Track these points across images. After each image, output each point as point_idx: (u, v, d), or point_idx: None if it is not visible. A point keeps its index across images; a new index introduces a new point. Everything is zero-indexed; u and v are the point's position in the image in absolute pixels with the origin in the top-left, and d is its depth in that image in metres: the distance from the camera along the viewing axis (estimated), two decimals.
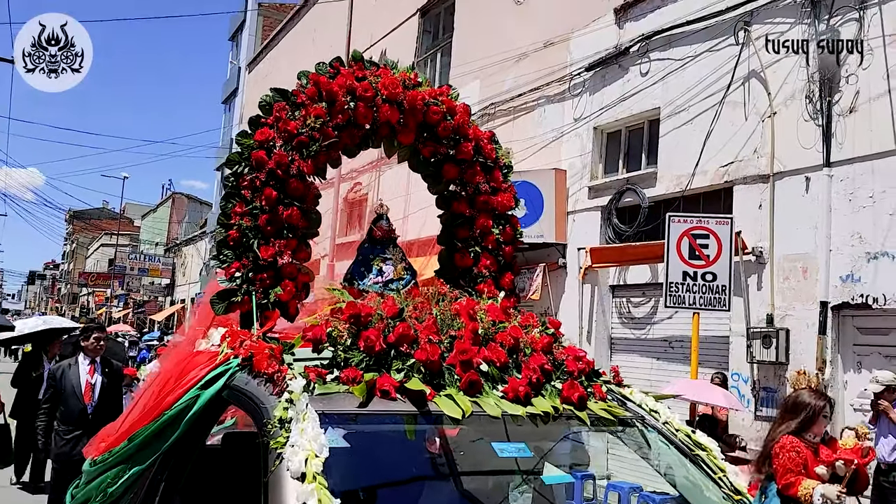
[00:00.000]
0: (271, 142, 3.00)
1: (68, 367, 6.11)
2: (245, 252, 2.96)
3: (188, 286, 33.47)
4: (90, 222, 65.40)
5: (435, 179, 3.50)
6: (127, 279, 43.52)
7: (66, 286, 74.26)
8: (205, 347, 2.83)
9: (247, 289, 2.92)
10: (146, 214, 53.15)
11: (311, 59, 14.66)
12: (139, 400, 3.09)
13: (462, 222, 3.42)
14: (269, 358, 2.33)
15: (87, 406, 5.90)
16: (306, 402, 2.10)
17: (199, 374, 2.56)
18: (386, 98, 3.12)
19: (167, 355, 3.45)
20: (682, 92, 8.90)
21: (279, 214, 2.96)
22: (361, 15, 16.81)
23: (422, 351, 2.35)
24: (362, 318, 2.44)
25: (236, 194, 3.02)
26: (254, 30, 27.31)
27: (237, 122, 27.32)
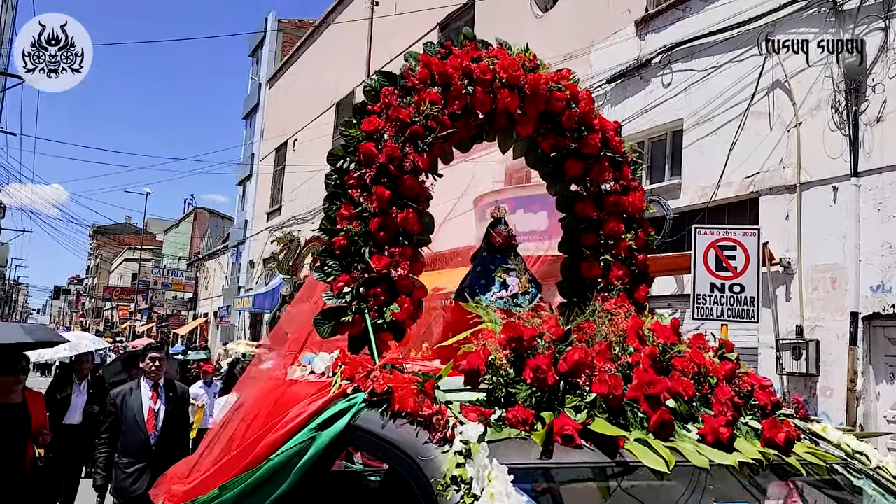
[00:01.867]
0: (381, 132, 2.54)
1: (129, 392, 5.44)
2: (354, 262, 2.51)
3: (211, 300, 33.65)
4: (113, 237, 66.09)
5: (555, 177, 3.02)
6: (150, 293, 43.82)
7: (91, 301, 75.00)
8: (300, 375, 2.43)
9: (358, 307, 2.46)
10: (168, 229, 53.58)
11: (331, 75, 14.90)
12: (220, 436, 2.68)
13: (587, 226, 2.95)
14: (419, 394, 1.85)
15: (150, 436, 5.27)
16: (488, 456, 1.61)
17: (306, 410, 2.16)
18: (505, 82, 2.65)
19: (249, 384, 3.02)
20: (705, 103, 8.83)
21: (392, 217, 2.51)
22: (381, 30, 16.92)
23: (601, 383, 1.86)
24: (525, 342, 1.94)
25: (342, 194, 2.57)
26: (274, 46, 27.44)
27: (258, 138, 27.60)
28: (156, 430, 5.30)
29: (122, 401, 5.35)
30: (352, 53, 18.13)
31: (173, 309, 40.96)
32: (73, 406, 7.26)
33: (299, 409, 2.19)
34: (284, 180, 23.68)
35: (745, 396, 2.10)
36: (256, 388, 2.76)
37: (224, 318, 28.73)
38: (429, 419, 1.79)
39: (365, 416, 2.00)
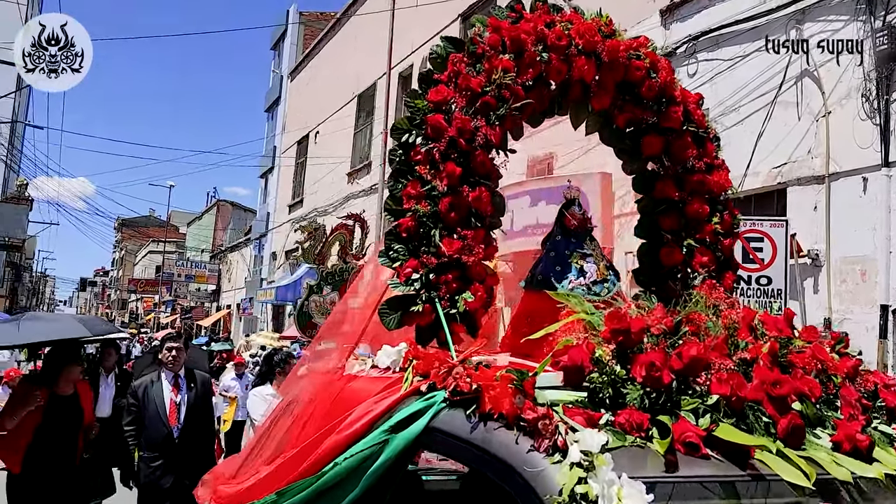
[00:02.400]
0: (450, 103, 2.32)
1: (150, 383, 5.22)
2: (422, 246, 2.31)
3: (233, 292, 33.91)
4: (138, 230, 66.93)
5: (632, 155, 2.75)
6: (174, 285, 44.24)
7: (116, 292, 75.98)
8: (359, 370, 2.24)
9: (428, 295, 2.25)
10: (192, 222, 54.04)
11: (352, 67, 14.87)
12: (271, 435, 2.50)
13: (667, 208, 2.67)
14: (516, 394, 1.61)
15: (173, 429, 5.05)
16: (612, 470, 1.37)
17: (373, 409, 1.96)
18: (582, 49, 2.37)
19: (301, 379, 2.81)
20: (731, 93, 8.67)
21: (464, 197, 2.30)
22: (402, 22, 16.86)
23: (721, 383, 1.60)
24: (633, 334, 1.69)
25: (407, 171, 2.35)
26: (295, 39, 27.44)
27: (280, 131, 27.72)
28: (178, 423, 5.09)
29: (144, 393, 5.16)
30: (373, 45, 18.10)
31: (197, 301, 41.35)
32: (102, 399, 7.21)
33: (365, 408, 1.98)
34: (306, 173, 23.76)
35: (871, 397, 1.84)
36: (310, 385, 2.55)
37: (247, 309, 28.95)
38: (533, 424, 1.55)
39: (446, 418, 1.78)
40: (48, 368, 5.01)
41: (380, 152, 16.89)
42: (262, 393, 5.74)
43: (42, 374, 5.05)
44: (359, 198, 18.55)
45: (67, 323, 5.17)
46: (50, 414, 4.76)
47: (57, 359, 4.96)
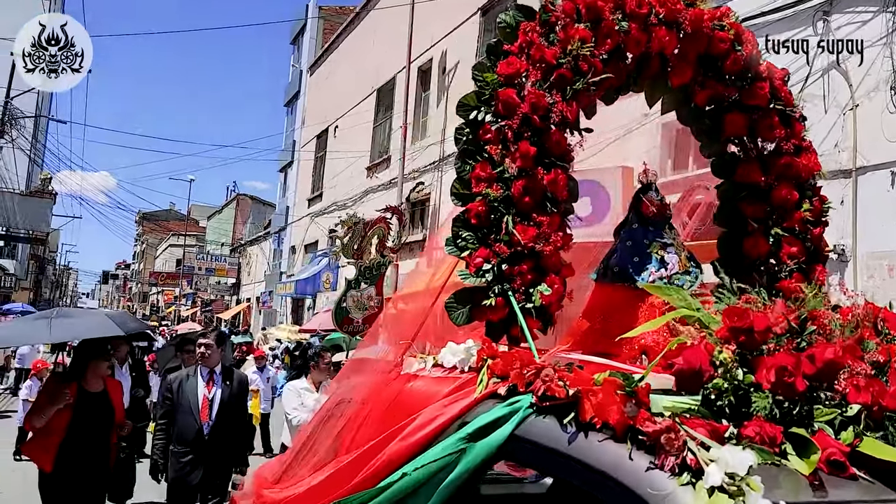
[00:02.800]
0: (522, 76, 2.11)
1: (186, 378, 5.16)
2: (492, 234, 2.12)
3: (253, 285, 34.12)
4: (159, 223, 67.56)
5: (711, 135, 2.53)
6: (194, 278, 44.58)
7: (137, 285, 76.86)
8: (419, 369, 2.06)
9: (501, 288, 2.07)
10: (212, 215, 54.42)
11: (371, 61, 14.84)
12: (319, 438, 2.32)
13: (749, 194, 2.45)
14: (627, 403, 1.39)
15: (204, 425, 4.98)
16: (762, 498, 1.15)
17: (443, 413, 1.79)
18: (663, 18, 2.18)
19: (352, 378, 2.62)
20: None
21: (538, 180, 2.10)
22: (421, 16, 16.81)
23: (860, 390, 1.38)
24: (757, 333, 1.47)
25: (476, 151, 2.15)
26: (315, 33, 27.46)
27: (299, 125, 27.81)
28: (210, 419, 5.00)
29: (179, 387, 5.09)
30: (392, 40, 18.06)
31: (217, 294, 41.66)
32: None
33: (433, 412, 1.80)
34: (325, 167, 23.79)
35: None
36: (362, 384, 2.37)
37: (266, 303, 29.13)
38: (653, 437, 1.31)
39: (535, 426, 1.58)
40: (76, 364, 4.88)
41: (399, 146, 16.88)
42: (297, 387, 5.65)
43: (70, 370, 4.91)
44: (378, 192, 18.55)
45: (99, 320, 4.98)
46: (80, 411, 4.62)
47: (84, 354, 4.83)
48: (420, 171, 16.38)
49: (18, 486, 7.77)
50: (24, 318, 6.09)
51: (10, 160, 23.39)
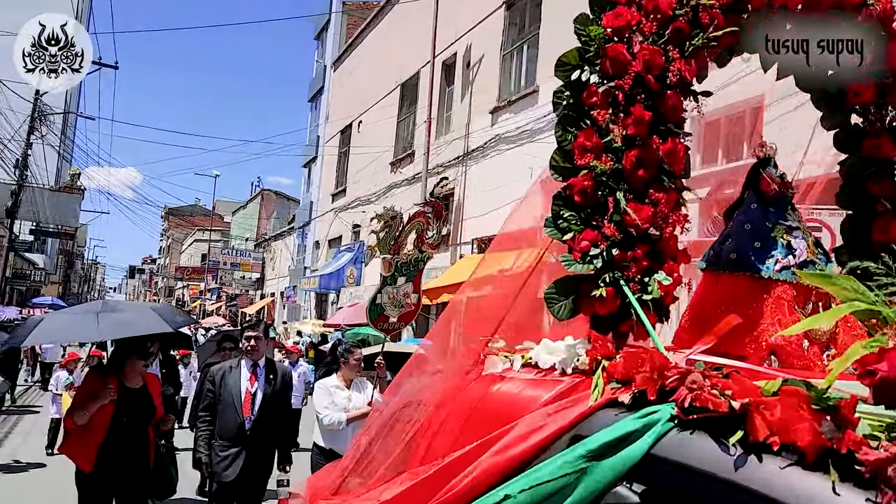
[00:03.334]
0: (632, 30, 1.89)
1: (228, 370, 5.07)
2: (599, 213, 1.86)
3: (277, 280, 34.38)
4: (184, 219, 68.39)
5: (833, 105, 2.27)
6: (219, 273, 45.08)
7: (163, 280, 77.88)
8: (503, 369, 1.87)
9: (612, 276, 1.81)
10: (236, 211, 54.93)
11: (396, 56, 14.78)
12: (383, 445, 2.10)
13: (880, 170, 2.16)
14: (824, 421, 1.11)
15: (246, 420, 4.90)
16: None
17: (550, 424, 1.53)
18: None
19: (417, 378, 2.35)
20: (788, 78, 8.43)
21: (654, 150, 1.84)
22: (446, 10, 16.74)
23: None
24: None
25: (579, 118, 1.92)
26: (338, 29, 27.56)
27: (323, 120, 27.91)
28: (252, 414, 4.92)
29: (221, 380, 5.00)
30: (416, 34, 18.05)
31: (241, 288, 42.05)
32: None
33: (535, 421, 1.55)
34: (349, 162, 23.89)
35: None
36: (434, 386, 2.12)
37: (290, 297, 29.33)
38: (875, 469, 1.01)
39: (679, 444, 1.29)
40: (116, 358, 4.75)
41: (423, 142, 16.87)
42: (327, 385, 5.50)
43: (110, 364, 4.75)
44: (401, 187, 18.57)
45: (147, 316, 4.75)
46: (121, 407, 4.48)
47: (124, 349, 4.68)
48: (444, 167, 16.36)
49: (50, 481, 7.88)
50: (69, 311, 5.59)
51: (40, 156, 23.76)
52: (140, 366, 4.64)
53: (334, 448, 5.17)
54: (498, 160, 14.08)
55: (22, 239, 27.97)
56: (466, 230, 15.17)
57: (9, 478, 8.14)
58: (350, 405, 5.37)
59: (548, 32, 13.33)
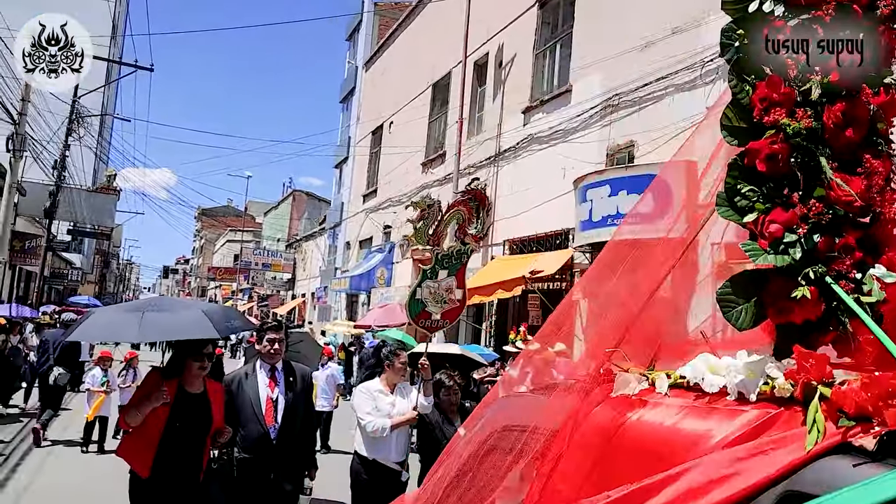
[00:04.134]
0: None
1: (245, 377, 4.62)
2: (792, 187, 1.44)
3: (308, 280, 34.62)
4: (217, 219, 69.30)
5: None
6: (251, 273, 45.64)
7: (196, 280, 79.04)
8: (642, 390, 1.52)
9: (816, 270, 1.38)
10: (268, 211, 55.50)
11: (427, 56, 14.74)
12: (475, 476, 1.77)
13: None
14: None
15: (270, 429, 4.47)
16: None
17: (742, 473, 1.14)
18: None
19: (518, 397, 1.97)
20: None
21: (863, 104, 1.42)
22: (478, 9, 16.68)
23: None
24: None
25: (756, 61, 1.48)
26: (370, 29, 27.70)
27: (354, 121, 28.04)
28: (276, 423, 4.50)
29: (238, 388, 4.57)
30: (448, 34, 18.03)
31: (272, 289, 42.46)
32: None
33: (718, 468, 1.16)
34: (380, 163, 23.96)
35: None
36: (545, 409, 1.75)
37: (321, 298, 29.50)
38: None
39: None
40: (175, 360, 4.38)
41: (454, 142, 16.84)
42: (370, 389, 5.17)
43: (170, 366, 4.38)
44: (433, 187, 18.55)
45: (193, 319, 4.31)
46: (178, 412, 4.18)
47: (183, 350, 4.35)
48: (475, 167, 16.30)
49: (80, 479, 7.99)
50: (118, 308, 5.21)
51: (78, 157, 24.23)
52: (196, 368, 4.27)
53: (378, 458, 4.99)
54: (530, 160, 13.99)
55: (60, 239, 28.56)
56: (498, 231, 15.08)
57: (42, 479, 8.23)
58: (394, 411, 5.10)
59: (581, 31, 13.21)
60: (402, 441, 5.17)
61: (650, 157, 10.64)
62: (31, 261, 23.15)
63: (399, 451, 5.12)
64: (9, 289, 21.47)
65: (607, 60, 11.82)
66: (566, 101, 13.12)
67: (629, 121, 10.73)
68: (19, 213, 20.18)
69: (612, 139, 11.73)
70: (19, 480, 7.83)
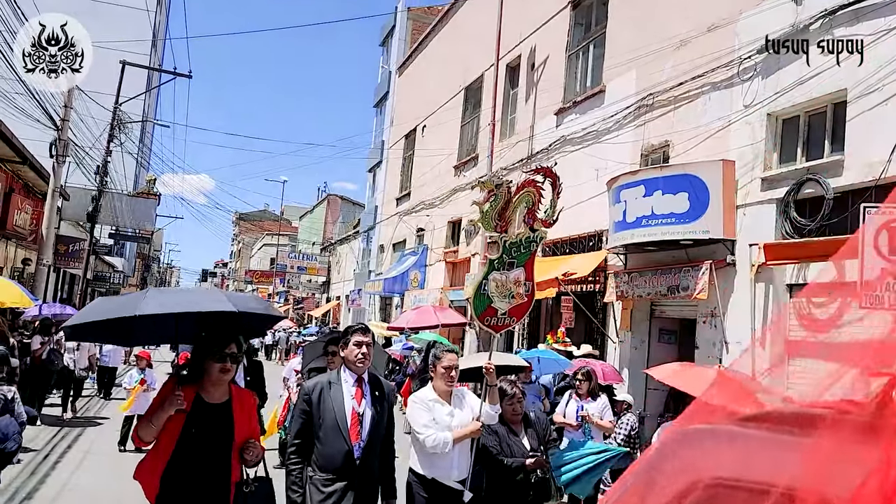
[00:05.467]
0: None
1: (328, 386, 4.03)
2: None
3: (342, 283, 34.84)
4: (254, 223, 70.21)
5: None
6: (287, 276, 46.16)
7: (234, 283, 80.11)
8: None
9: None
10: (303, 215, 56.13)
11: (460, 59, 14.70)
12: None
13: None
14: None
15: (354, 447, 3.89)
16: None
17: None
18: None
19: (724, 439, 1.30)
20: (874, 70, 7.94)
21: None
22: (510, 12, 16.63)
23: None
24: None
25: None
26: (403, 34, 27.84)
27: (388, 125, 28.13)
28: (361, 440, 3.93)
29: (320, 398, 3.99)
30: (480, 37, 17.97)
31: (308, 292, 42.81)
32: None
33: None
34: (413, 166, 23.99)
35: None
36: (793, 453, 1.16)
37: (355, 301, 29.62)
38: None
39: None
40: (193, 364, 3.71)
41: (487, 145, 16.75)
42: (424, 399, 4.57)
43: (189, 372, 3.73)
44: (465, 190, 18.48)
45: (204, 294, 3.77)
46: (192, 426, 3.49)
47: (200, 352, 3.64)
48: (508, 169, 16.19)
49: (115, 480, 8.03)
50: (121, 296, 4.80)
51: (119, 163, 24.68)
52: (217, 372, 3.56)
53: (437, 477, 4.52)
54: (563, 162, 13.83)
55: (102, 243, 29.14)
56: None
57: (79, 479, 8.32)
58: (453, 422, 4.52)
59: (615, 30, 13.05)
60: (463, 456, 4.60)
61: (686, 156, 10.43)
62: (75, 264, 23.64)
63: (461, 468, 4.57)
64: (53, 291, 21.94)
65: (641, 60, 11.65)
66: (599, 102, 12.96)
67: (663, 121, 10.53)
68: (63, 217, 20.61)
69: (647, 139, 11.53)
70: (59, 478, 7.93)
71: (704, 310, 9.83)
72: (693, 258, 9.90)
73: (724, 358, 9.28)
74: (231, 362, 3.60)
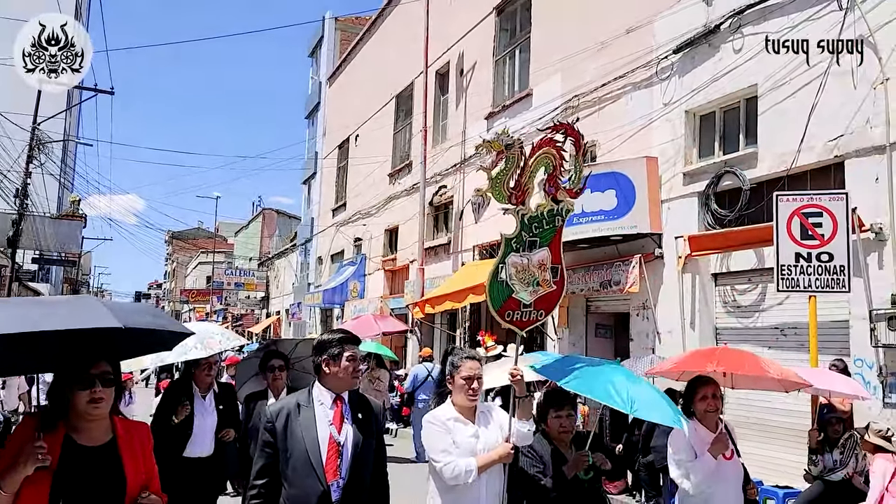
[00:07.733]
0: None
1: (296, 409, 3.10)
2: None
3: (282, 298, 34.32)
4: (188, 242, 68.46)
5: None
6: (224, 294, 45.13)
7: (169, 304, 77.94)
8: None
9: None
10: (239, 231, 55.09)
11: (389, 68, 14.83)
12: None
13: None
14: None
15: (331, 487, 2.97)
16: None
17: None
18: None
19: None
20: (781, 66, 8.34)
21: None
22: (437, 19, 16.77)
23: None
24: None
25: None
26: (332, 45, 27.75)
27: (321, 136, 27.94)
28: (340, 478, 3.01)
29: (286, 425, 3.08)
30: (408, 45, 18.07)
31: (247, 308, 41.98)
32: (199, 431, 5.05)
33: None
34: (348, 176, 23.90)
35: None
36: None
37: (295, 314, 29.24)
38: None
39: None
40: (55, 397, 2.60)
41: (420, 151, 16.83)
42: (441, 418, 3.58)
43: (51, 409, 2.62)
44: (401, 198, 18.52)
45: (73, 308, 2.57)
46: (64, 483, 2.46)
47: (63, 380, 2.57)
48: (442, 175, 16.32)
49: None
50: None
51: (41, 185, 23.76)
52: (83, 403, 2.53)
53: None
54: None
55: (25, 268, 27.95)
56: (467, 237, 15.10)
57: None
58: (478, 446, 3.52)
59: (539, 35, 13.35)
60: (493, 486, 3.55)
61: (612, 154, 10.74)
62: None
63: (490, 501, 3.53)
64: None
65: (565, 63, 11.95)
66: (528, 105, 13.20)
67: (589, 121, 10.81)
68: None
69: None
70: None
71: (636, 302, 10.12)
72: (623, 253, 10.20)
73: (656, 347, 9.58)
74: (103, 386, 2.54)
